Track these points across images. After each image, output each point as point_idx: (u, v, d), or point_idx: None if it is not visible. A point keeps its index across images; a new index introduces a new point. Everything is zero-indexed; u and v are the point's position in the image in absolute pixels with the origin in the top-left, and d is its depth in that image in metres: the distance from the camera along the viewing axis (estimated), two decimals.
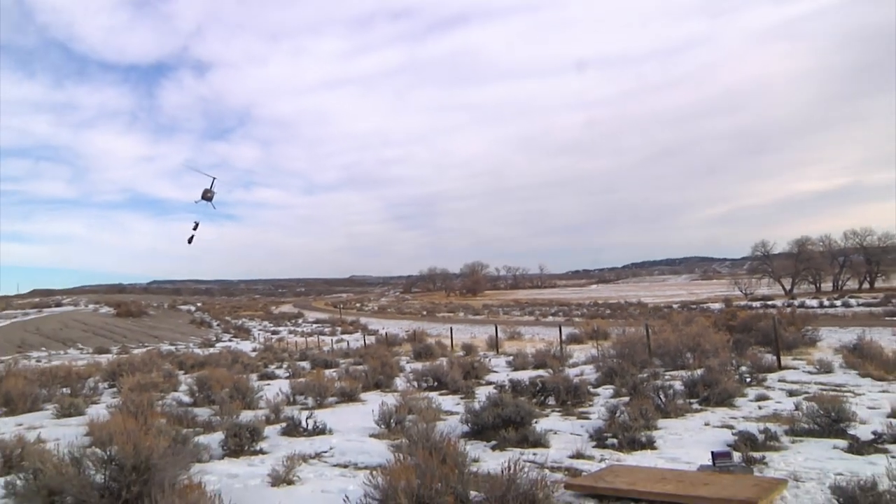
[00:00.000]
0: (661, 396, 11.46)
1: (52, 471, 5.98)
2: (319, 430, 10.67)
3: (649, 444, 8.69)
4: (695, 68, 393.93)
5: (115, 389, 18.18)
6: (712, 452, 7.18)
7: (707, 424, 10.11)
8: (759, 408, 11.35)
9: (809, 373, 15.46)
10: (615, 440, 8.94)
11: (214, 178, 30.12)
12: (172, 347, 54.40)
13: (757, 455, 7.69)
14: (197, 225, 29.96)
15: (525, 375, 15.56)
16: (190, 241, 30.43)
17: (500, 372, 19.46)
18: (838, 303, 62.63)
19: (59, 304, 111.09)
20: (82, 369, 21.85)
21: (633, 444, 8.66)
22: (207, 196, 29.69)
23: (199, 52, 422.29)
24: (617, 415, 9.95)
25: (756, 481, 6.33)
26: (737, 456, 7.50)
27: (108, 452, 6.14)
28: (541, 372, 17.01)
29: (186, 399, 15.35)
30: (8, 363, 24.19)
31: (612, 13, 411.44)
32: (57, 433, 11.25)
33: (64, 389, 17.67)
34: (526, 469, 5.87)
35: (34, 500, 5.89)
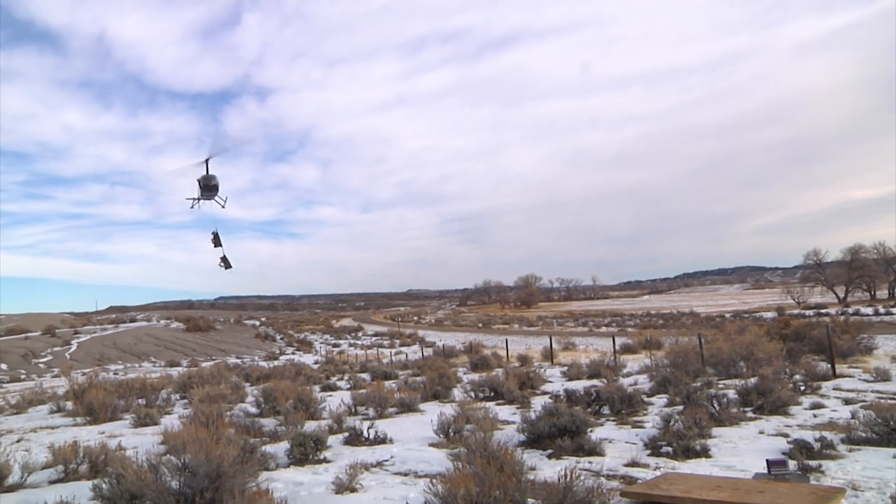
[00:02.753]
0: (715, 405, 11.42)
1: (133, 476, 6.32)
2: (380, 440, 10.88)
3: (704, 453, 8.70)
4: (742, 80, 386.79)
5: (186, 400, 18.74)
6: (767, 460, 7.13)
7: (761, 433, 10.05)
8: (815, 416, 11.22)
9: (866, 381, 15.18)
10: (669, 448, 8.98)
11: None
12: (239, 360, 55.41)
13: (813, 463, 7.61)
14: (216, 237, 23.21)
15: (580, 385, 15.62)
16: (225, 264, 23.67)
17: (555, 382, 19.51)
18: (894, 310, 60.22)
19: (133, 320, 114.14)
20: (156, 381, 22.52)
21: (688, 453, 8.68)
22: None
23: (260, 79, 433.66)
24: (671, 423, 9.97)
25: (813, 490, 6.27)
26: (792, 464, 7.42)
27: (183, 460, 6.42)
28: (595, 382, 17.05)
29: (253, 410, 15.70)
30: (89, 375, 25.10)
31: (658, 29, 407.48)
32: (135, 441, 11.71)
33: (140, 400, 18.27)
34: (582, 477, 5.95)
35: (118, 503, 6.27)
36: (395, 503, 6.77)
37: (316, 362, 43.75)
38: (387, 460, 9.42)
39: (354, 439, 10.98)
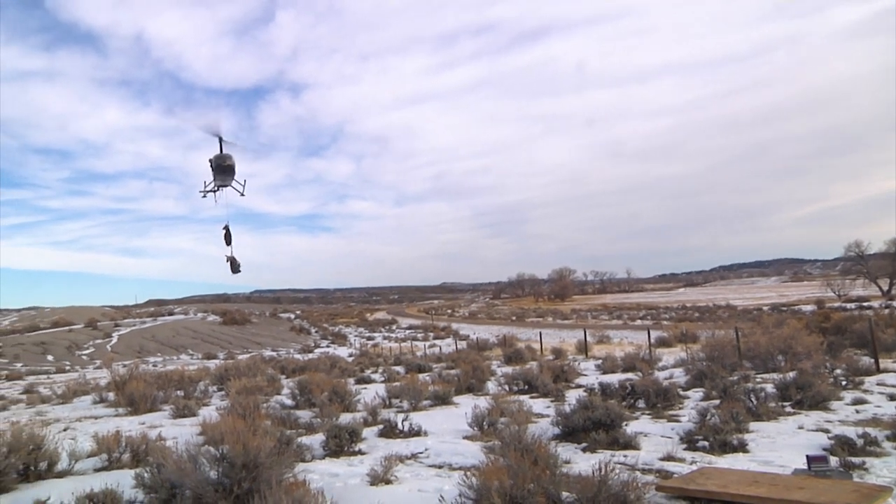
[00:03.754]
0: (753, 399, 11.26)
1: (173, 466, 6.44)
2: (415, 432, 10.93)
3: (741, 447, 8.60)
4: (778, 68, 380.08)
5: (223, 392, 19.03)
6: (807, 456, 7.03)
7: (801, 428, 9.90)
8: (857, 412, 11.01)
9: None
10: (706, 443, 8.90)
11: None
12: (274, 353, 55.92)
13: (856, 460, 7.48)
14: (228, 232, 19.03)
15: (614, 378, 15.53)
16: (233, 266, 19.39)
17: (590, 375, 19.42)
18: None
19: (171, 313, 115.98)
20: (193, 373, 22.85)
21: (725, 447, 8.60)
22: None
23: (294, 75, 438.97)
24: (707, 417, 9.87)
25: (856, 487, 6.16)
26: (834, 460, 7.31)
27: (221, 451, 6.52)
28: (630, 375, 16.96)
29: (289, 402, 15.87)
30: (130, 367, 25.61)
31: (691, 19, 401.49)
32: (174, 432, 11.96)
33: (178, 392, 18.61)
34: (617, 471, 5.91)
35: (159, 492, 6.38)
36: (430, 495, 6.79)
37: (350, 355, 43.99)
38: (421, 452, 9.46)
39: (389, 431, 11.05)
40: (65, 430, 13.66)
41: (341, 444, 9.73)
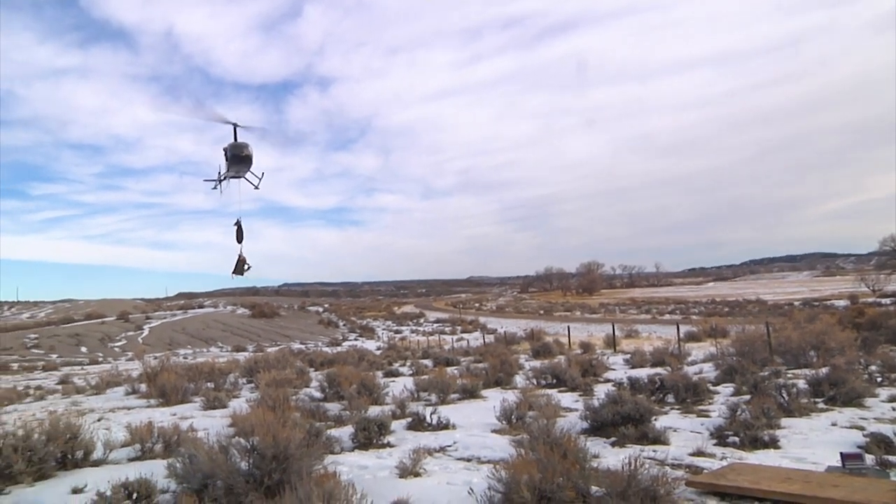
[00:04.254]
0: (784, 395, 11.10)
1: (205, 457, 6.51)
2: (443, 425, 10.93)
3: (772, 444, 8.49)
4: (812, 59, 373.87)
5: (252, 385, 19.16)
6: (841, 454, 6.91)
7: (834, 424, 9.74)
8: (894, 409, 10.76)
9: None
10: (736, 438, 8.79)
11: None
12: (303, 346, 56.35)
13: (893, 459, 7.36)
14: (240, 229, 17.82)
15: (643, 373, 15.41)
16: (238, 268, 18.15)
17: (618, 369, 19.32)
18: None
19: (201, 306, 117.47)
20: (223, 366, 23.08)
21: (756, 443, 8.50)
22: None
23: (322, 69, 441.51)
24: (738, 413, 9.75)
25: (893, 486, 6.03)
26: (869, 458, 7.19)
27: (251, 442, 6.59)
28: (659, 370, 16.82)
29: (317, 394, 15.92)
30: (161, 359, 26.01)
31: (722, 11, 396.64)
32: (205, 423, 12.07)
33: (208, 384, 18.77)
34: (646, 465, 5.87)
35: (191, 482, 6.45)
36: (459, 488, 6.79)
37: (378, 348, 44.13)
38: (450, 446, 9.47)
39: (417, 424, 11.06)
40: (99, 420, 13.88)
41: (370, 436, 9.77)
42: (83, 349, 63.54)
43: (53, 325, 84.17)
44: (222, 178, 18.04)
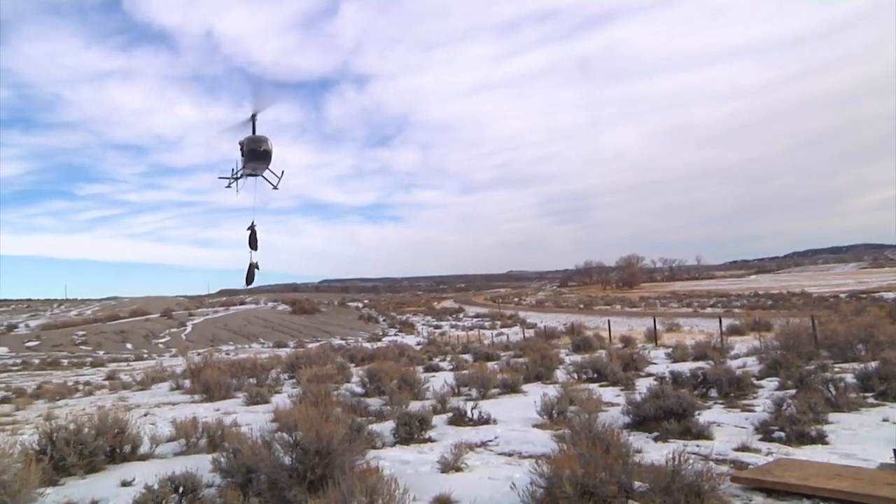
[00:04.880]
0: (832, 389, 10.83)
1: (249, 452, 6.60)
2: (484, 420, 10.92)
3: (820, 439, 8.29)
4: (855, 48, 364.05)
5: (294, 380, 19.41)
6: (894, 450, 6.75)
7: (885, 420, 9.45)
8: None
9: None
10: (782, 433, 8.59)
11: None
12: (343, 342, 56.70)
13: None
14: (253, 234, 16.43)
15: (685, 367, 15.24)
16: (248, 276, 16.77)
17: (660, 364, 19.10)
18: None
19: (242, 303, 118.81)
20: (265, 362, 23.38)
21: (802, 438, 8.30)
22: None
23: (359, 67, 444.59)
24: (783, 407, 9.55)
25: None
26: None
27: (294, 437, 6.65)
28: (701, 364, 16.58)
29: (358, 390, 16.03)
30: (204, 356, 26.42)
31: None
32: (248, 419, 12.23)
33: (251, 380, 19.03)
34: (690, 461, 5.79)
35: (236, 476, 6.54)
36: (501, 483, 6.78)
37: (418, 343, 44.28)
38: (491, 440, 9.45)
39: (458, 419, 11.06)
40: (145, 415, 14.16)
41: (411, 431, 9.81)
42: (129, 346, 64.86)
43: (100, 322, 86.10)
44: (237, 175, 16.74)
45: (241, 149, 15.99)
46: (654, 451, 7.87)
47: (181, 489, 6.27)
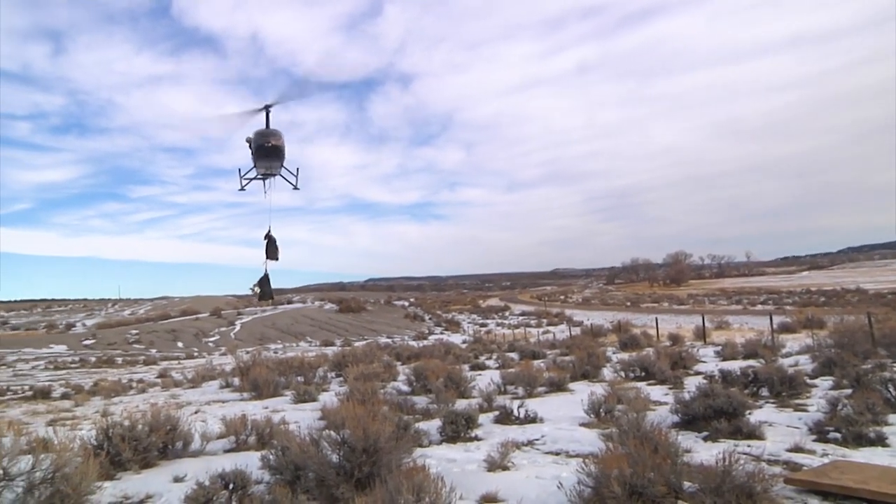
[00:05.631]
0: (891, 389, 10.52)
1: (297, 449, 6.67)
2: (531, 419, 10.88)
3: (879, 441, 8.02)
4: None
5: (341, 378, 19.56)
6: None
7: None
8: None
9: None
10: (838, 434, 8.36)
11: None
12: (389, 340, 57.09)
13: None
14: (271, 242, 15.24)
15: (735, 365, 14.93)
16: (262, 291, 15.36)
17: (709, 362, 18.79)
18: None
19: (290, 302, 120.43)
20: (312, 360, 23.61)
21: (860, 440, 8.04)
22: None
23: (403, 66, 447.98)
24: (839, 408, 9.30)
25: None
26: None
27: (342, 435, 6.70)
28: (751, 362, 16.28)
29: (405, 388, 16.10)
30: (253, 354, 26.83)
31: None
32: (296, 416, 12.33)
33: (298, 378, 19.17)
34: (741, 461, 5.69)
35: (284, 473, 6.62)
36: (548, 482, 6.73)
37: (464, 342, 44.32)
38: (537, 439, 9.40)
39: (504, 418, 11.04)
40: (196, 412, 14.42)
41: (458, 429, 9.80)
42: (179, 344, 66.29)
43: (152, 321, 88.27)
44: (245, 176, 15.12)
45: (249, 146, 14.63)
46: (703, 451, 7.74)
47: (231, 486, 6.36)
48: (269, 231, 15.18)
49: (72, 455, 6.07)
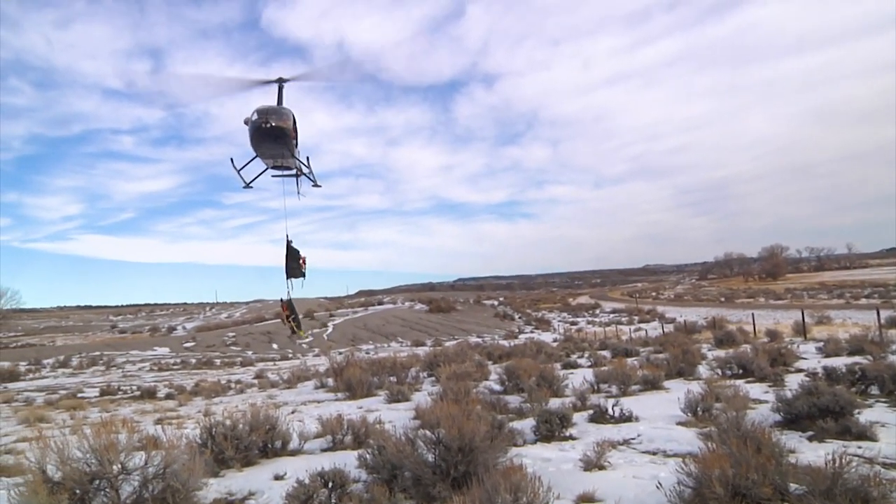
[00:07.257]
0: None
1: (393, 449, 6.79)
2: (626, 418, 10.73)
3: None
4: None
5: (433, 378, 19.75)
6: None
7: None
8: None
9: None
10: None
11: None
12: (479, 339, 57.29)
13: None
14: (293, 253, 13.04)
15: (839, 362, 14.30)
16: (293, 321, 13.69)
17: (810, 359, 18.05)
18: None
19: (380, 303, 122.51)
20: (404, 360, 23.89)
21: None
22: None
23: (486, 66, 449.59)
24: None
25: None
26: None
27: (437, 435, 6.79)
28: (857, 359, 15.51)
29: (497, 387, 16.10)
30: (346, 355, 27.41)
31: None
32: (390, 416, 12.56)
33: (391, 378, 19.49)
34: (853, 463, 5.42)
35: (381, 472, 6.75)
36: (646, 482, 6.65)
37: (555, 340, 44.06)
38: (633, 438, 9.27)
39: (599, 417, 10.93)
40: (292, 412, 14.84)
41: (552, 429, 9.76)
42: (274, 346, 68.33)
43: (248, 323, 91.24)
44: (244, 167, 12.45)
45: (249, 126, 11.68)
46: (808, 452, 7.48)
47: (330, 484, 6.53)
48: (288, 240, 12.88)
49: (179, 453, 6.37)
